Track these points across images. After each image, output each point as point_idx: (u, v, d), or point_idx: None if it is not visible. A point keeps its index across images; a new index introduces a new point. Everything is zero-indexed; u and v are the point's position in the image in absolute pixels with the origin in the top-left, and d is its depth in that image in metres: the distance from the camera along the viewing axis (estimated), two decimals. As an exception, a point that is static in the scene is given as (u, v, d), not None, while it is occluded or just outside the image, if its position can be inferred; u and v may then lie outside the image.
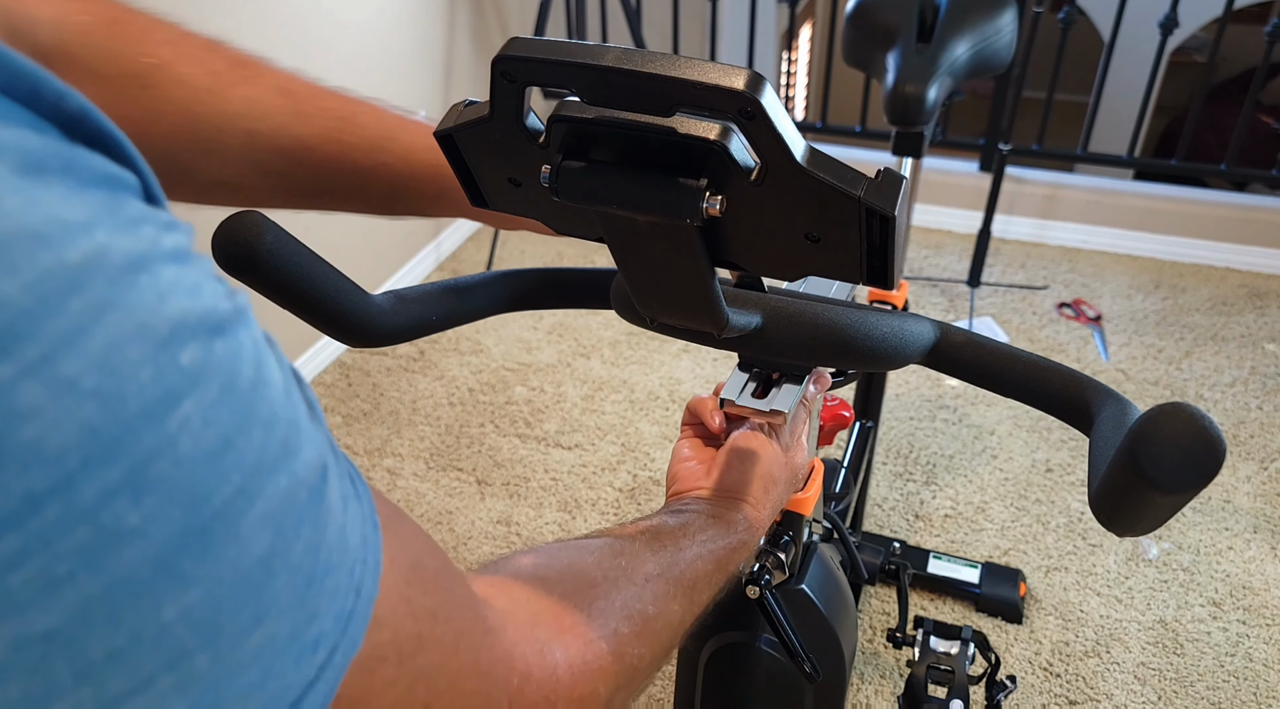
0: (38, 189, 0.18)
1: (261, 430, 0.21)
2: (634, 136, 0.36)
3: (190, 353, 0.19)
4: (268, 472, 0.21)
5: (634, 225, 0.40)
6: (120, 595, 0.18)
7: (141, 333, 0.18)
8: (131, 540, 0.18)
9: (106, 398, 0.17)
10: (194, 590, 0.19)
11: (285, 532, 0.21)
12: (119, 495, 0.18)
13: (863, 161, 2.57)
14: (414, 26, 2.24)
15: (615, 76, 0.34)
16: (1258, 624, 1.47)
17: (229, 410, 0.20)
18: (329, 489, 0.24)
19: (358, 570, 0.25)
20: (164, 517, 0.18)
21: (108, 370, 0.17)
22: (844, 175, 0.36)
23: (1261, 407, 1.90)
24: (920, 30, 1.04)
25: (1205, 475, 0.34)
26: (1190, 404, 0.35)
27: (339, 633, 0.24)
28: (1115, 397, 0.46)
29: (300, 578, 0.22)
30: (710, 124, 0.36)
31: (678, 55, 0.34)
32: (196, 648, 0.20)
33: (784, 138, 0.35)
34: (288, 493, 0.22)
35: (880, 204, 0.36)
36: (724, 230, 0.40)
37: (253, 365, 0.21)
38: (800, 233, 0.39)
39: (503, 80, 0.37)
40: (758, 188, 0.37)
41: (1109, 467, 0.38)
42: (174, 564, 0.19)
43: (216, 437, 0.19)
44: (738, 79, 0.33)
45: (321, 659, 0.24)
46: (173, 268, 0.20)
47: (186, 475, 0.19)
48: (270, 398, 0.21)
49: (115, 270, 0.18)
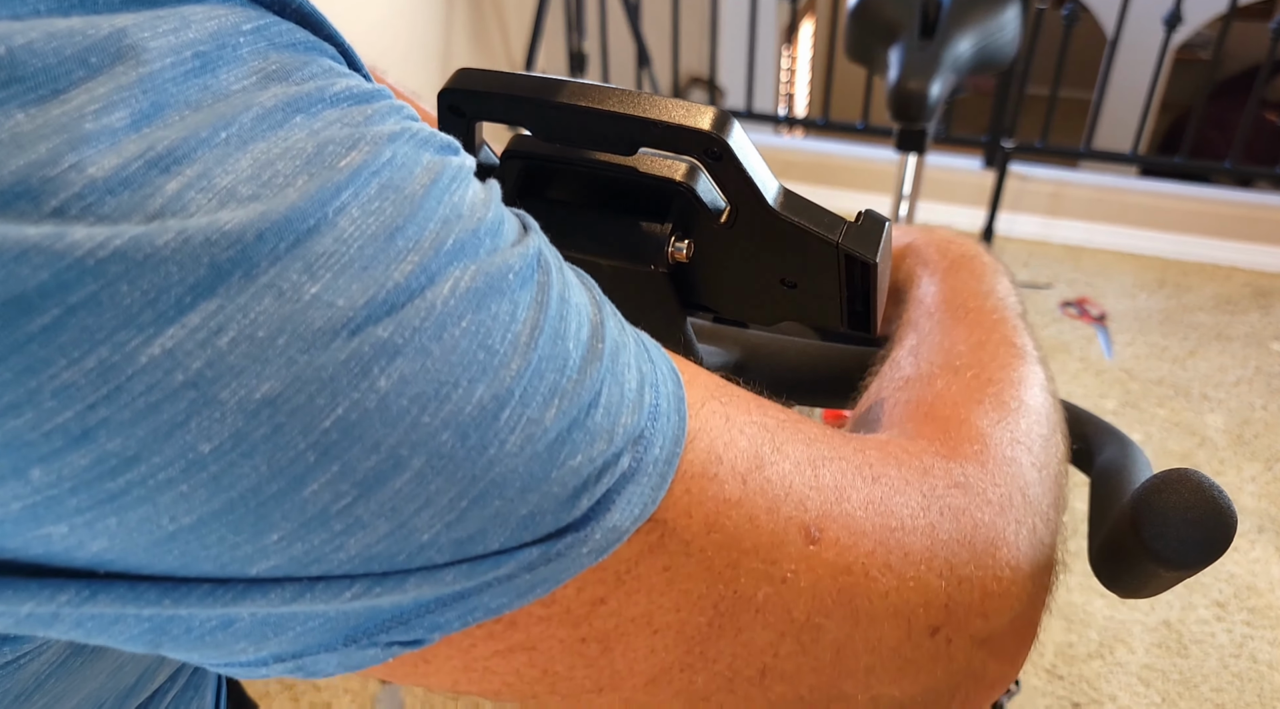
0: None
1: (437, 224, 0.21)
2: (594, 176, 0.34)
3: (346, 161, 0.20)
4: (452, 256, 0.21)
5: (597, 269, 0.37)
6: (322, 358, 0.19)
7: (287, 154, 0.20)
8: (315, 308, 0.19)
9: (266, 199, 0.19)
10: (400, 360, 0.20)
11: (492, 310, 0.21)
12: (291, 266, 0.19)
13: (864, 159, 2.56)
14: (411, 25, 2.23)
15: (572, 114, 0.32)
16: (1263, 625, 1.46)
17: (391, 204, 0.20)
18: (550, 281, 0.24)
19: (645, 367, 0.25)
20: (341, 288, 0.19)
21: (261, 182, 0.19)
22: (820, 219, 0.34)
23: (1266, 406, 1.89)
24: (923, 26, 1.03)
25: (1214, 551, 0.32)
26: (1198, 473, 0.33)
27: (646, 423, 0.24)
28: (1116, 435, 0.43)
29: (541, 362, 0.22)
30: (676, 163, 0.34)
31: (639, 92, 0.32)
32: (435, 425, 0.20)
33: (753, 179, 0.33)
34: (486, 276, 0.22)
35: (860, 251, 0.34)
36: (694, 274, 0.37)
37: (428, 176, 0.22)
38: (775, 277, 0.37)
39: (450, 114, 0.35)
40: (729, 231, 0.35)
41: (1110, 531, 0.35)
42: (367, 331, 0.19)
43: (380, 224, 0.20)
44: (703, 118, 0.31)
45: (619, 449, 0.23)
46: (335, 110, 0.21)
47: (355, 252, 0.20)
48: (451, 202, 0.22)
49: (265, 112, 0.20)
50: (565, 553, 0.23)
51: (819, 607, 0.27)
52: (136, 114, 0.18)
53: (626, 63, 2.65)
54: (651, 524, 0.24)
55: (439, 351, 0.20)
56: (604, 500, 0.23)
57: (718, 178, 0.33)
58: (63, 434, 0.18)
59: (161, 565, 0.20)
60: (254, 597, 0.21)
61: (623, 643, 0.25)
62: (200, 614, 0.21)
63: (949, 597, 0.29)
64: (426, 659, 0.24)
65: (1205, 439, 1.82)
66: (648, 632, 0.25)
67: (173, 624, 0.21)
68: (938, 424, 0.34)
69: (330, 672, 0.23)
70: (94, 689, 0.28)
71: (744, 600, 0.26)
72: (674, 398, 0.25)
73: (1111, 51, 2.35)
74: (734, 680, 0.27)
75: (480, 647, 0.24)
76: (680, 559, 0.25)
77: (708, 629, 0.26)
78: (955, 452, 0.33)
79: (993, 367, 0.38)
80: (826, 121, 2.56)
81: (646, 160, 0.34)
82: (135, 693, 0.30)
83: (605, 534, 0.23)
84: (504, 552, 0.22)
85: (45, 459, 0.18)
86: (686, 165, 0.34)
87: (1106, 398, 1.93)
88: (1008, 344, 0.40)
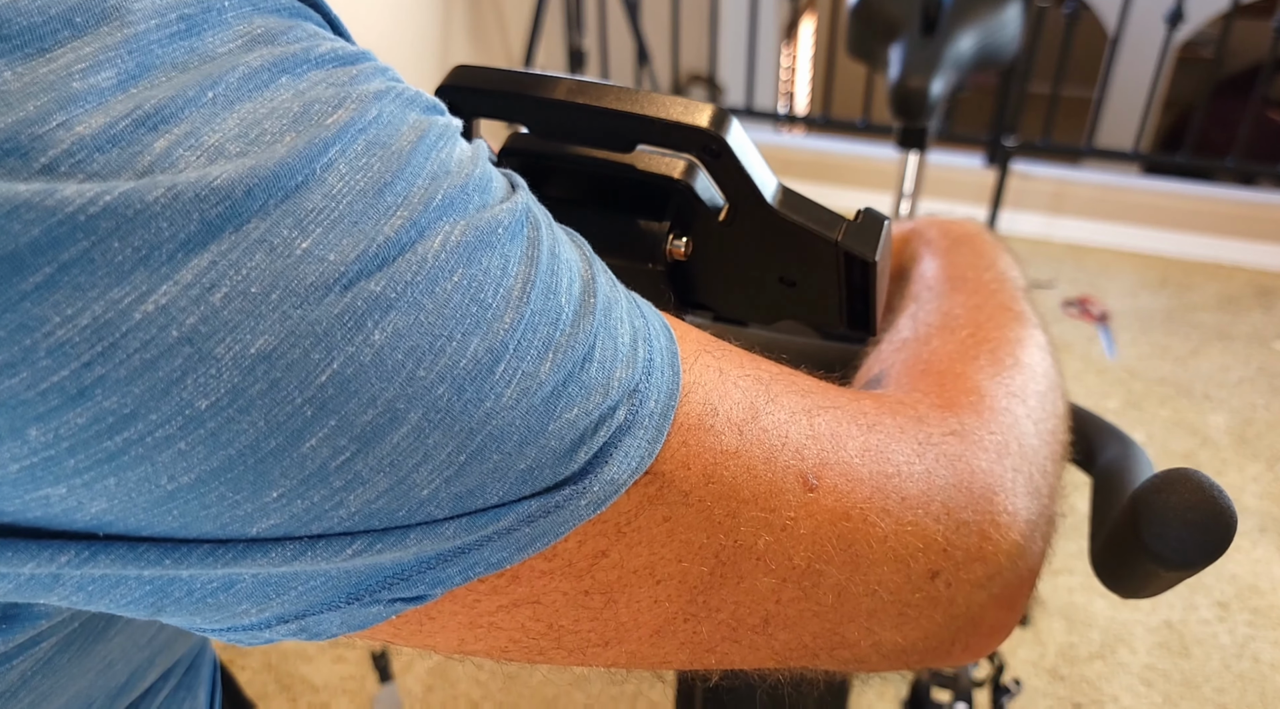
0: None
1: (425, 179, 0.21)
2: (591, 173, 0.34)
3: (333, 118, 0.20)
4: (441, 211, 0.21)
5: None
6: (315, 313, 0.19)
7: (274, 113, 0.20)
8: (306, 262, 0.19)
9: (254, 156, 0.19)
10: (393, 314, 0.20)
11: (483, 265, 0.21)
12: (281, 221, 0.19)
13: (865, 157, 2.55)
14: (410, 22, 2.22)
15: (569, 111, 0.32)
16: (1265, 626, 1.46)
17: (378, 160, 0.20)
18: (540, 236, 0.23)
19: (638, 322, 0.25)
20: (331, 242, 0.19)
21: (249, 140, 0.19)
22: (820, 217, 0.34)
23: (1269, 406, 1.89)
24: (924, 23, 1.02)
25: (1215, 551, 0.31)
26: (1199, 472, 0.32)
27: (641, 377, 0.24)
28: (1118, 434, 0.43)
29: (535, 316, 0.22)
30: (674, 161, 0.34)
31: (637, 89, 0.32)
32: (431, 378, 0.20)
33: (752, 177, 0.32)
34: (476, 230, 0.22)
35: (859, 249, 0.34)
36: (692, 273, 0.37)
37: (414, 134, 0.21)
38: (774, 276, 0.36)
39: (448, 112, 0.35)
40: (727, 228, 0.34)
41: (1111, 530, 0.35)
42: (359, 286, 0.19)
43: (368, 180, 0.20)
44: (701, 116, 0.31)
45: (615, 401, 0.23)
46: (321, 71, 0.21)
47: (345, 207, 0.20)
48: (439, 158, 0.22)
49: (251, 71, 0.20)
50: (564, 505, 0.23)
51: (819, 553, 0.27)
52: (123, 74, 0.18)
53: (626, 60, 2.64)
54: (650, 476, 0.24)
55: (431, 305, 0.20)
56: (601, 453, 0.23)
57: (716, 175, 0.33)
58: (59, 393, 0.17)
59: (161, 526, 0.20)
60: (255, 556, 0.21)
61: (626, 595, 0.25)
62: (202, 575, 0.21)
63: (947, 541, 0.29)
64: (431, 616, 0.24)
65: (1207, 439, 1.81)
66: (650, 583, 0.26)
67: (174, 586, 0.21)
68: (933, 378, 0.35)
69: (334, 632, 0.23)
70: (83, 687, 0.27)
71: (744, 549, 0.26)
72: (667, 352, 0.26)
73: (1113, 49, 2.34)
74: (738, 629, 0.28)
75: (484, 602, 0.24)
76: (680, 510, 0.25)
77: (710, 578, 0.26)
78: (951, 403, 0.33)
79: (989, 326, 0.39)
80: (827, 119, 2.55)
81: (645, 158, 0.34)
82: (126, 692, 0.30)
83: (603, 486, 0.23)
84: (503, 505, 0.22)
85: (42, 418, 0.18)
86: (685, 163, 0.34)
87: (1108, 397, 1.92)
88: (1005, 309, 0.41)
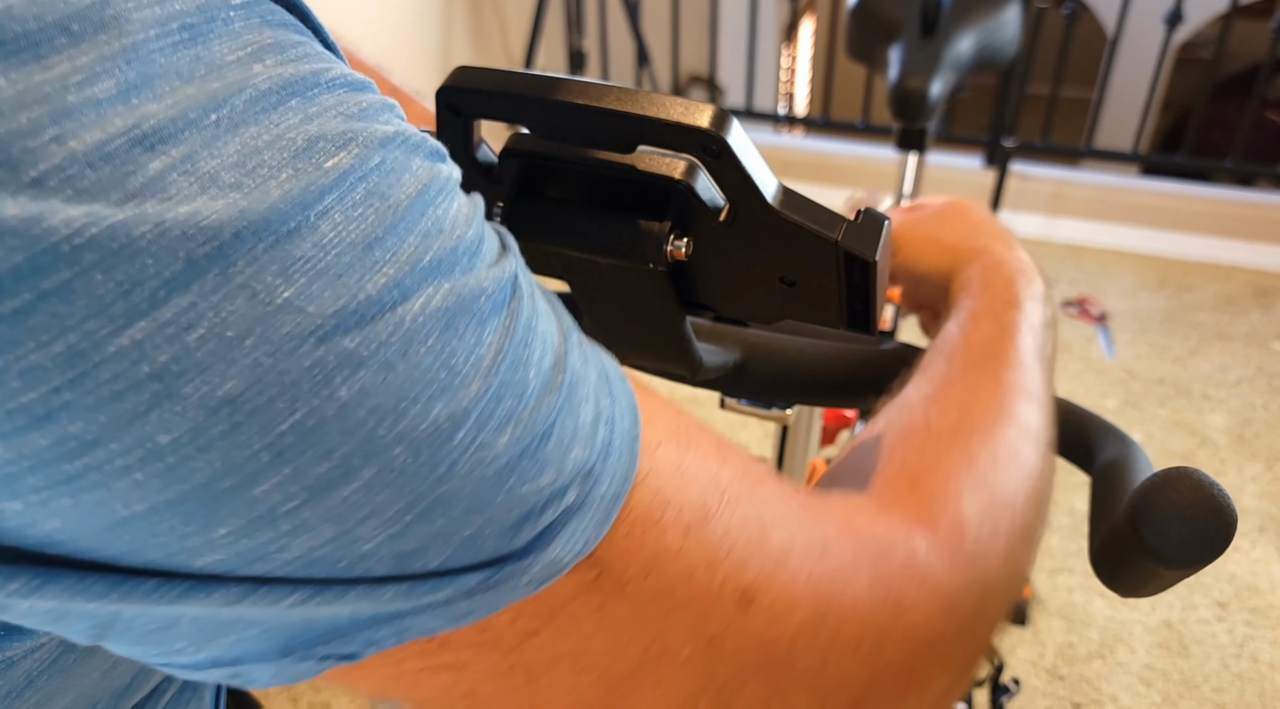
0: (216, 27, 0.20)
1: (417, 237, 0.21)
2: (592, 173, 0.34)
3: (334, 162, 0.20)
4: (427, 273, 0.21)
5: (595, 267, 0.37)
6: (286, 363, 0.19)
7: (276, 143, 0.20)
8: (285, 312, 0.19)
9: (248, 190, 0.19)
10: (363, 372, 0.20)
11: (459, 331, 0.21)
12: (266, 268, 0.19)
13: (865, 157, 2.56)
14: (411, 24, 2.22)
15: (569, 112, 0.32)
16: (1264, 625, 1.46)
17: (374, 212, 0.20)
18: (520, 307, 0.23)
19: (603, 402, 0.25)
20: (313, 295, 0.19)
21: (245, 171, 0.19)
22: (820, 217, 0.34)
23: (1267, 406, 1.89)
24: (924, 24, 1.02)
25: (1214, 550, 0.31)
26: (1198, 471, 0.32)
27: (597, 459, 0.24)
28: (1117, 434, 0.43)
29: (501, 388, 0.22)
30: (674, 161, 0.34)
31: (638, 89, 0.32)
32: (389, 439, 0.20)
33: (752, 177, 0.32)
34: (458, 296, 0.22)
35: (860, 249, 0.34)
36: (693, 273, 0.37)
37: (415, 186, 0.22)
38: (774, 276, 0.36)
39: (448, 113, 0.35)
40: (728, 229, 0.34)
41: (1110, 529, 0.35)
42: (334, 341, 0.20)
43: (360, 232, 0.20)
44: (702, 116, 0.31)
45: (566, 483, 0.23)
46: (331, 95, 0.21)
47: (332, 259, 0.20)
48: (435, 216, 0.22)
49: (259, 94, 0.20)
50: (504, 581, 0.23)
51: (741, 671, 0.27)
52: (123, 84, 0.18)
53: (626, 61, 2.64)
54: (591, 562, 0.24)
55: (403, 368, 0.20)
56: (546, 532, 0.23)
57: (717, 176, 0.33)
58: (25, 413, 0.18)
59: (111, 550, 0.20)
60: (198, 596, 0.21)
61: (548, 677, 0.25)
62: (145, 613, 0.21)
63: (869, 682, 0.29)
64: (358, 666, 0.25)
65: (1206, 439, 1.81)
66: (574, 670, 0.26)
67: (117, 621, 0.21)
68: (921, 497, 0.34)
69: (265, 682, 0.24)
70: (87, 687, 0.28)
71: (670, 653, 0.26)
72: (628, 436, 0.25)
73: (1112, 50, 2.35)
74: None
75: (411, 661, 0.25)
76: (614, 601, 0.25)
77: (631, 676, 0.26)
78: (930, 533, 0.32)
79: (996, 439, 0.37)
80: (827, 120, 2.55)
81: (645, 158, 0.34)
82: (130, 692, 0.30)
83: (545, 566, 0.23)
84: (443, 574, 0.22)
85: (6, 436, 0.18)
86: (685, 163, 0.34)
87: (1108, 397, 1.92)
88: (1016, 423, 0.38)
